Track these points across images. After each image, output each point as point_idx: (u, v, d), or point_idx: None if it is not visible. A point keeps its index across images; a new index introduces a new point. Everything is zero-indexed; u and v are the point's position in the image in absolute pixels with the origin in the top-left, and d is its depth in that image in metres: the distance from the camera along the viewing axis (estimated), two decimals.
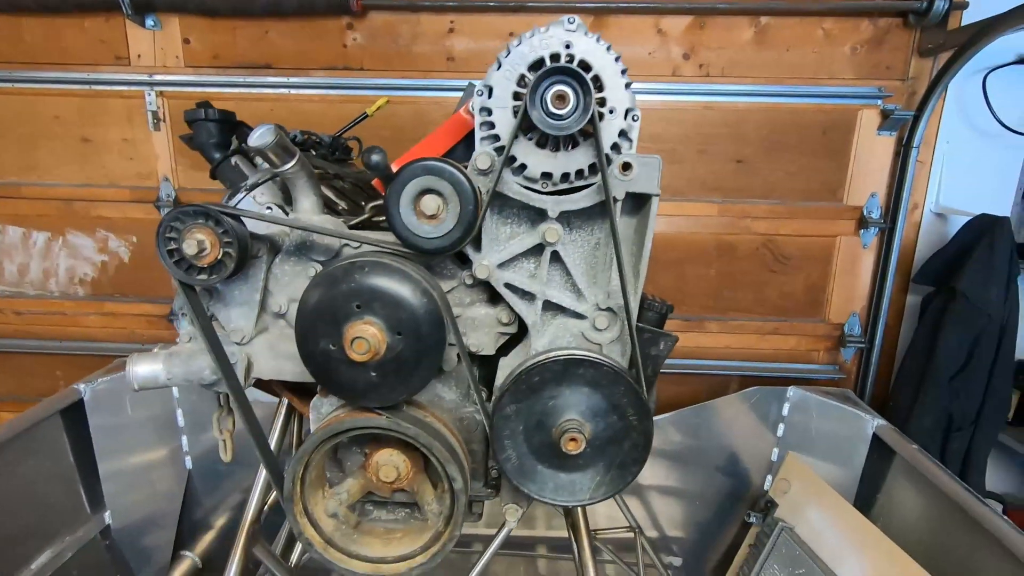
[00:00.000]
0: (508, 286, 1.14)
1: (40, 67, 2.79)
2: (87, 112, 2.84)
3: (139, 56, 2.77)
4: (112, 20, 2.72)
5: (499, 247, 1.14)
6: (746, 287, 2.89)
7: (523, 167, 1.05)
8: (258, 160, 1.36)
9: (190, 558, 2.76)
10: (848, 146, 2.71)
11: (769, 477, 2.64)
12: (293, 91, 2.77)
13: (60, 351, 3.09)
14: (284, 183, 1.32)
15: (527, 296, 1.16)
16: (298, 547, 2.11)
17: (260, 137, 1.03)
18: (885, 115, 2.63)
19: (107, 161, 2.89)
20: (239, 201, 1.27)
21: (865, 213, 2.75)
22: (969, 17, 2.46)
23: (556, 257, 1.14)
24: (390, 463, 1.19)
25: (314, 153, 1.60)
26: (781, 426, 2.63)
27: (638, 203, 1.11)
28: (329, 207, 1.34)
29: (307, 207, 1.14)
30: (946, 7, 2.40)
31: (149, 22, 2.71)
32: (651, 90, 2.68)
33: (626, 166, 1.03)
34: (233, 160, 1.30)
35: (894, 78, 2.64)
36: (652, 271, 2.72)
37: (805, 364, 2.94)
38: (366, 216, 1.24)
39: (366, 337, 0.97)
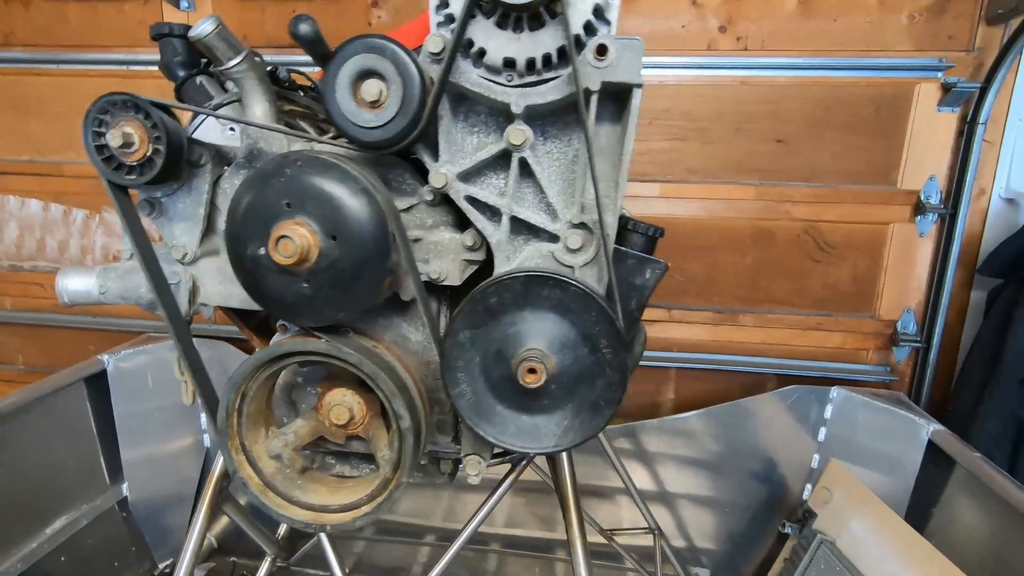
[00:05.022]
0: (470, 199, 1.00)
1: (82, 49, 2.87)
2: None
3: None
4: (150, 3, 2.78)
5: (464, 158, 1.01)
6: (785, 277, 2.64)
7: (482, 53, 0.91)
8: (230, 85, 1.28)
9: (207, 537, 2.72)
10: (903, 124, 2.45)
11: (808, 485, 2.41)
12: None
13: (93, 326, 3.12)
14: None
15: (492, 213, 1.02)
16: None
17: (200, 27, 0.95)
18: (946, 89, 2.37)
19: None
20: (201, 122, 1.20)
21: (922, 198, 2.48)
22: None
23: (527, 170, 1.00)
24: (343, 403, 1.07)
25: (301, 94, 1.52)
26: (823, 430, 2.40)
27: (620, 104, 0.96)
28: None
29: (258, 113, 1.05)
30: None
31: (184, 3, 2.75)
32: (685, 65, 2.49)
33: (601, 49, 0.88)
34: (199, 80, 1.23)
35: (958, 49, 2.38)
36: (681, 258, 2.60)
37: (851, 364, 2.65)
38: (329, 137, 1.14)
39: (292, 236, 0.85)
